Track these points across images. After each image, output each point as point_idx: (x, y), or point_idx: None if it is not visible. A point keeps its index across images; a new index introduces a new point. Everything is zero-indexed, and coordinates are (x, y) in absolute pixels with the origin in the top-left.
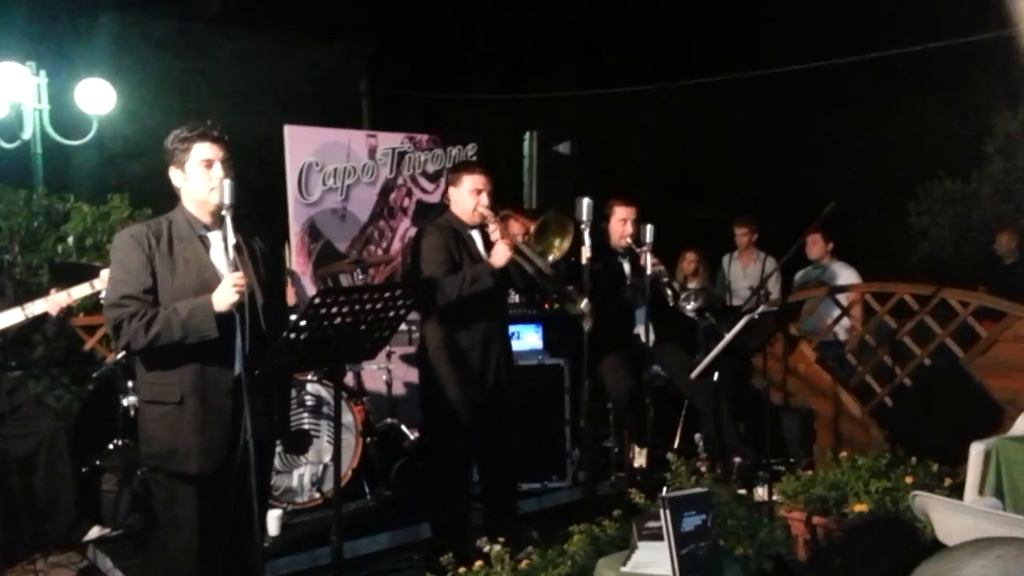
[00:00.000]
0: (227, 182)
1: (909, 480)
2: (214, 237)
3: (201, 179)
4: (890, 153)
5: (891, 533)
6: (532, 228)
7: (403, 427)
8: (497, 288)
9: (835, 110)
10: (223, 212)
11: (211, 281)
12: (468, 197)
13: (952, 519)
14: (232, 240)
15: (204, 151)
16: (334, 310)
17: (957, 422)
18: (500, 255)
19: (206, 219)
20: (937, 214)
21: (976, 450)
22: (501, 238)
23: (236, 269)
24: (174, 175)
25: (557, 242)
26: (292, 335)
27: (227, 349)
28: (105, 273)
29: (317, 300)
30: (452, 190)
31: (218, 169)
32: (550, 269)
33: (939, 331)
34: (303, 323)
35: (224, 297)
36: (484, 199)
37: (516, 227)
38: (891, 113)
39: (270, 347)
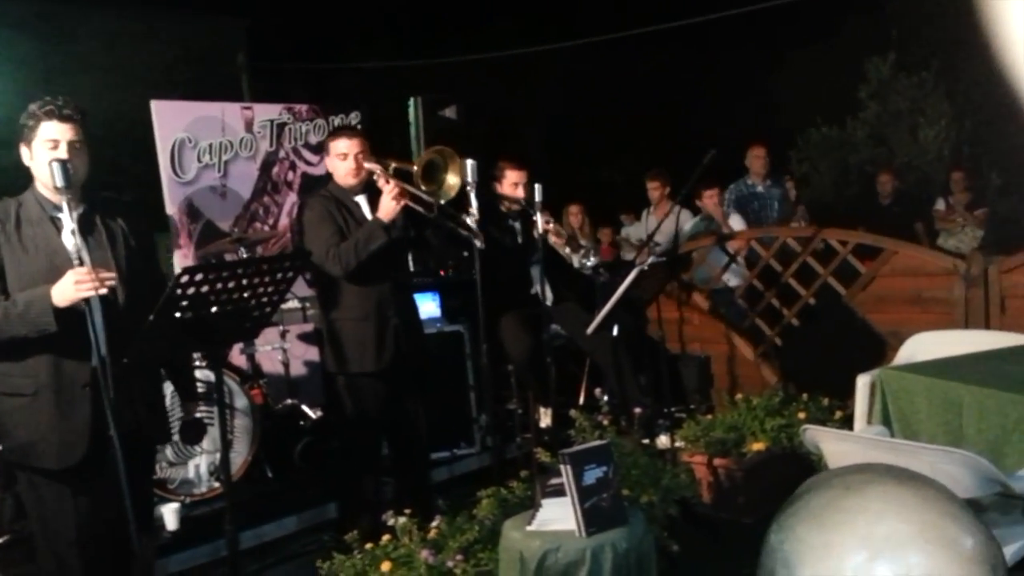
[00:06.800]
0: (56, 164)
1: (802, 416)
2: (66, 219)
3: (44, 159)
4: (771, 104)
5: (787, 468)
6: (417, 169)
7: (304, 407)
8: (392, 249)
9: (718, 65)
10: (62, 196)
11: (62, 266)
12: (337, 163)
13: (842, 449)
14: (73, 225)
15: (51, 130)
16: (204, 288)
17: (843, 357)
18: (389, 206)
19: (57, 200)
20: (816, 160)
21: (862, 382)
22: (388, 186)
23: (80, 263)
24: (23, 153)
25: (448, 179)
26: (157, 317)
27: (83, 339)
28: None
29: (184, 279)
30: (326, 159)
31: (62, 151)
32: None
33: (821, 271)
34: (167, 304)
35: (64, 292)
36: (353, 161)
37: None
38: (769, 65)
39: (137, 333)
